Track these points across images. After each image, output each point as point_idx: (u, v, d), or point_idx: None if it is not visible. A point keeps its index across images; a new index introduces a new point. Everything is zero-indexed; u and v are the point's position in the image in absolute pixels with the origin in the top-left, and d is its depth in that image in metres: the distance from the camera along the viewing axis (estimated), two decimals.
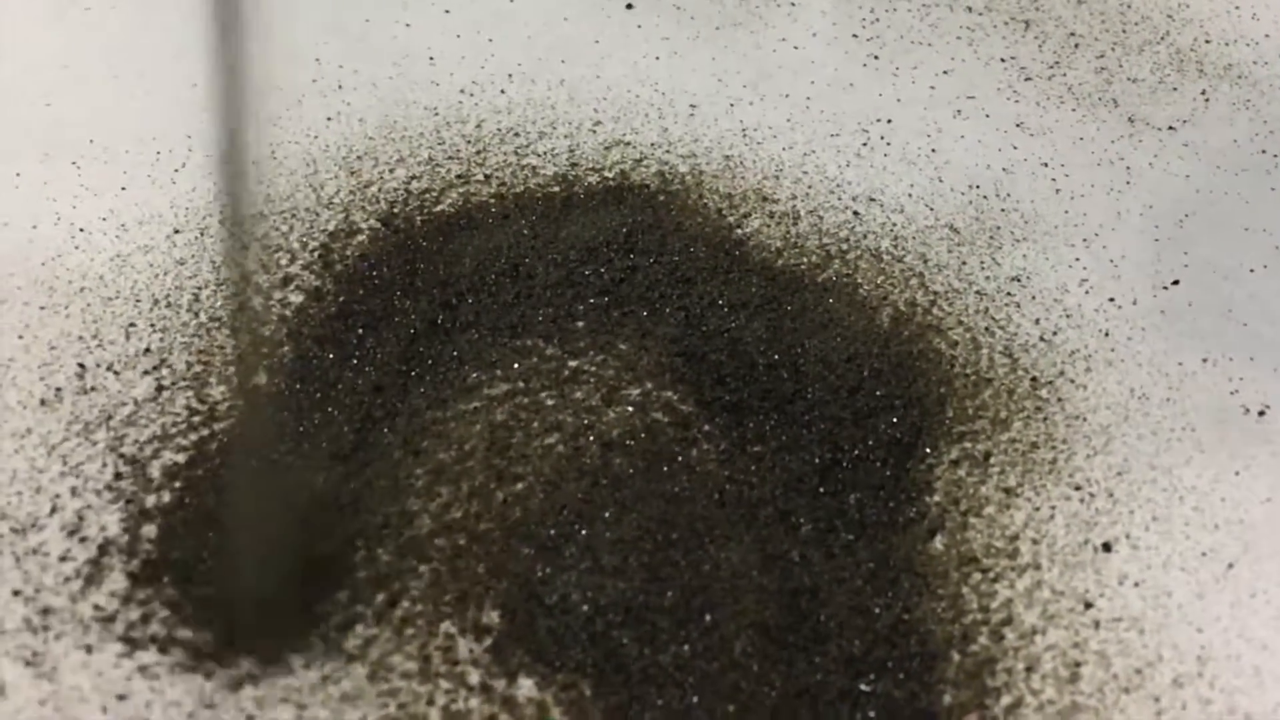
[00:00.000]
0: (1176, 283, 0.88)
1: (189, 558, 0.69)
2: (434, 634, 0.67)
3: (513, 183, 0.93)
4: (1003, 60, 1.08)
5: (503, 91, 1.01)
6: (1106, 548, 0.72)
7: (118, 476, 0.73)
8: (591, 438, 0.76)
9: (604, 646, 0.67)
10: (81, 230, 0.88)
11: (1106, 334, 0.84)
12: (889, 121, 1.01)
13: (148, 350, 0.80)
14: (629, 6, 1.11)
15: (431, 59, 1.05)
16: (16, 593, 0.67)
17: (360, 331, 0.82)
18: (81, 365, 0.79)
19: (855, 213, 0.92)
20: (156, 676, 0.64)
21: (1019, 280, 0.88)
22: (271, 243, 0.87)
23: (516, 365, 0.80)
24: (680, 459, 0.75)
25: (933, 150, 0.98)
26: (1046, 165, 0.98)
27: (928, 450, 0.76)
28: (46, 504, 0.71)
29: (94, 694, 0.63)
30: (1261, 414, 0.79)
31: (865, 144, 0.99)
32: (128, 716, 0.63)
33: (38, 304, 0.83)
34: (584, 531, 0.71)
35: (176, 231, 0.88)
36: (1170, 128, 1.01)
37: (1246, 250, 0.91)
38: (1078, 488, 0.75)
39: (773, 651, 0.67)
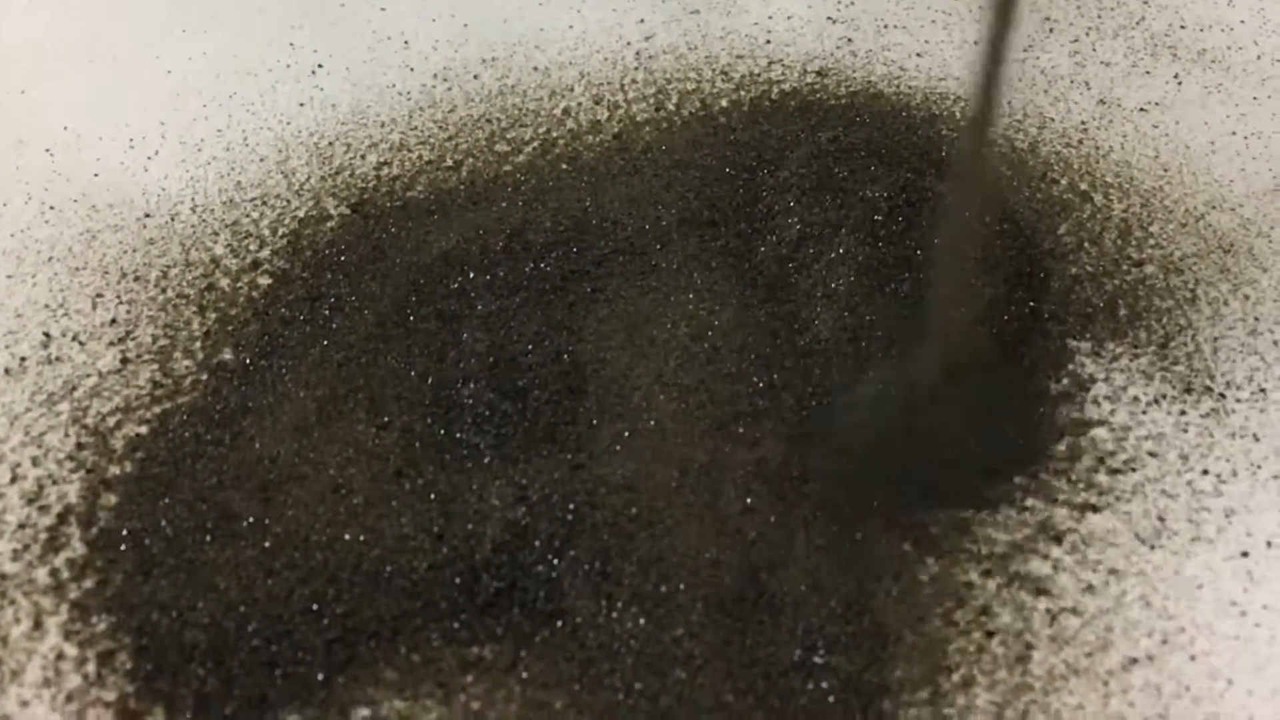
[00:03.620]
0: (1140, 265, 0.88)
1: (147, 526, 0.70)
2: None
3: (484, 169, 0.93)
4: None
5: (476, 76, 1.02)
6: (1058, 539, 0.72)
7: (79, 447, 0.73)
8: None
9: (561, 615, 0.67)
10: (52, 208, 0.89)
11: None
12: None
13: (114, 321, 0.81)
14: None
15: (406, 43, 1.05)
16: None
17: (327, 313, 0.82)
18: (47, 334, 0.80)
19: None
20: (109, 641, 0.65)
21: None
22: (242, 230, 0.88)
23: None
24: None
25: None
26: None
27: None
28: (7, 473, 0.72)
29: (44, 658, 0.64)
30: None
31: None
32: (74, 685, 0.64)
33: (4, 273, 0.84)
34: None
35: (147, 215, 0.89)
36: (1141, 109, 1.01)
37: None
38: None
39: (728, 623, 0.67)
